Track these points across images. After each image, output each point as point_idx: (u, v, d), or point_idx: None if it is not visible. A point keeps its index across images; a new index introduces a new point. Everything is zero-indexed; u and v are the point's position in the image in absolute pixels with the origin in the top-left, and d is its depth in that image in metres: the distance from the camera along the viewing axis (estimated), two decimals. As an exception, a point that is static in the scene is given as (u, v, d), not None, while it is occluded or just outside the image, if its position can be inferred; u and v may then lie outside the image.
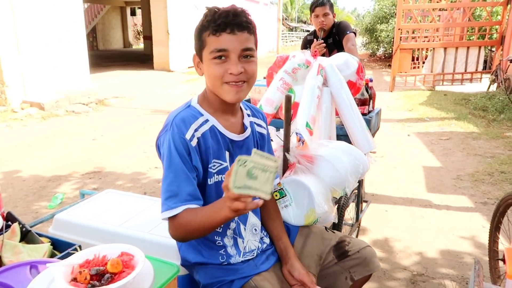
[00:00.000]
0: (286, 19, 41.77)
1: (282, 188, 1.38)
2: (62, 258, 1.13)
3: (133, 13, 24.81)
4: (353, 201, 2.42)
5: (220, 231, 1.21)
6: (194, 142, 1.12)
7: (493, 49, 9.95)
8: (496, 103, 7.11)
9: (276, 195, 1.40)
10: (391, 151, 4.78)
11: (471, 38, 10.13)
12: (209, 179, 1.16)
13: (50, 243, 1.25)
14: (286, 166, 1.49)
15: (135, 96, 8.62)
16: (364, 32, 18.42)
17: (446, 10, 9.66)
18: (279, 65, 2.11)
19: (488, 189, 3.60)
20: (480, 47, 9.64)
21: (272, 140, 1.54)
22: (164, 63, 13.11)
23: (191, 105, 1.20)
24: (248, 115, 1.29)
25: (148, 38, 17.19)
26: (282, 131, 1.52)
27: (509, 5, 9.26)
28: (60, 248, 1.25)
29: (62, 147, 4.92)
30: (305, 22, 46.68)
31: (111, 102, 7.89)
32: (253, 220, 1.27)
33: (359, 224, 2.70)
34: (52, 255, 1.21)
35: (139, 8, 22.70)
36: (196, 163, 1.12)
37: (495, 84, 8.69)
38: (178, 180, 1.08)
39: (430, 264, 2.46)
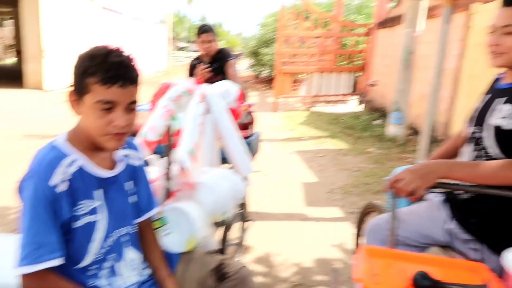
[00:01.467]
0: (174, 38, 41.63)
1: (163, 217, 1.41)
2: None
3: (-1, 25, 22.11)
4: (238, 221, 2.55)
5: (92, 273, 1.17)
6: (60, 188, 1.07)
7: (359, 74, 11.40)
8: (361, 122, 8.14)
9: (156, 224, 1.42)
10: (275, 170, 5.10)
11: (341, 64, 11.44)
12: (76, 222, 1.12)
13: None
14: (168, 194, 1.52)
15: (5, 118, 7.67)
16: (250, 55, 19.35)
17: (320, 38, 10.78)
18: (162, 92, 2.14)
19: (355, 200, 4.08)
20: (348, 72, 10.98)
21: (150, 166, 1.56)
22: (37, 81, 11.85)
23: (55, 145, 1.14)
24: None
25: (20, 52, 15.47)
26: (164, 158, 1.55)
27: (370, 37, 10.75)
28: None
29: None
30: (194, 42, 47.02)
31: (-29, 125, 6.90)
32: (132, 255, 1.27)
33: (245, 243, 2.83)
34: None
35: (11, 18, 20.23)
36: (62, 210, 1.08)
37: (361, 105, 9.95)
38: (41, 232, 1.03)
39: (307, 273, 2.70)
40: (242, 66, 27.12)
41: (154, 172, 1.56)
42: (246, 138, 2.54)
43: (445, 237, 1.61)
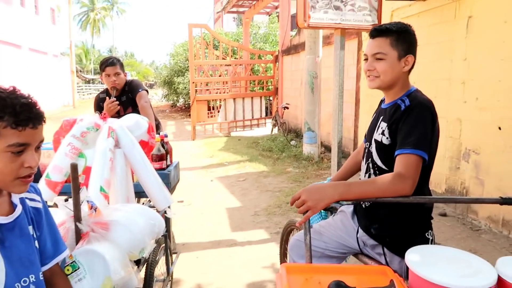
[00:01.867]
0: (81, 71, 39.64)
1: (74, 261, 1.31)
2: None
3: None
4: (162, 256, 2.45)
5: None
6: None
7: (271, 98, 11.89)
8: (278, 144, 8.45)
9: (68, 270, 1.32)
10: (198, 198, 5.04)
11: (254, 89, 11.84)
12: None
13: None
14: (78, 236, 1.42)
15: None
16: (163, 84, 19.15)
17: (231, 65, 11.09)
18: (66, 129, 2.02)
19: (279, 220, 4.18)
20: (261, 97, 11.39)
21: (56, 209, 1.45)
22: None
23: None
24: None
25: None
26: (71, 200, 1.45)
27: (277, 63, 11.33)
28: None
29: None
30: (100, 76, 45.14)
31: None
32: None
33: (172, 277, 2.72)
34: None
35: None
36: None
37: (276, 128, 10.34)
38: None
39: (238, 299, 2.68)
40: (157, 96, 26.72)
41: (61, 214, 1.45)
42: (163, 169, 2.48)
43: (358, 245, 1.73)
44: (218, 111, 11.24)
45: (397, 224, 1.59)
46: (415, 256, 1.15)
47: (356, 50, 6.70)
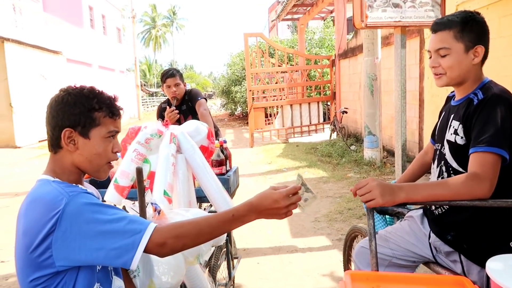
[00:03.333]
0: (145, 85, 41.93)
1: None
2: None
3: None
4: (224, 260, 2.47)
5: None
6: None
7: (329, 103, 11.69)
8: (337, 149, 8.25)
9: None
10: (257, 204, 5.05)
11: (310, 95, 11.73)
12: None
13: None
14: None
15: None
16: (221, 94, 19.65)
17: (287, 72, 11.09)
18: (131, 136, 2.12)
19: (341, 226, 4.06)
20: (318, 102, 11.24)
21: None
22: (8, 139, 11.67)
23: (54, 180, 1.16)
24: None
25: (-14, 112, 15.20)
26: (137, 203, 1.50)
27: (334, 67, 11.13)
28: None
29: None
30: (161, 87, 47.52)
31: None
32: (118, 283, 1.23)
33: (233, 282, 2.74)
34: None
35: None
36: None
37: (335, 133, 10.13)
38: (129, 216, 1.09)
39: (300, 307, 2.62)
40: (215, 106, 27.48)
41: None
42: (223, 174, 2.51)
43: (429, 252, 1.60)
44: (275, 118, 11.27)
45: (477, 231, 1.44)
46: (498, 265, 1.04)
47: (418, 49, 6.37)
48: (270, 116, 11.78)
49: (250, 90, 10.19)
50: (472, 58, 1.46)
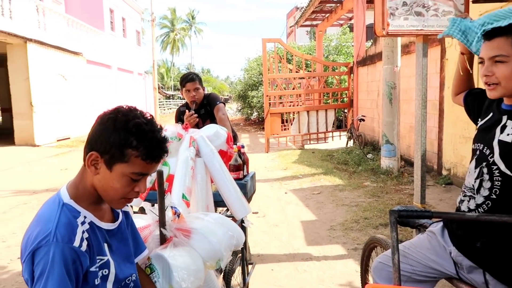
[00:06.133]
0: (162, 87, 42.38)
1: (151, 263, 1.37)
2: None
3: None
4: (239, 265, 2.45)
5: None
6: (84, 247, 1.05)
7: (346, 110, 11.60)
8: (354, 157, 8.16)
9: (147, 270, 1.38)
10: (272, 210, 5.02)
11: (327, 102, 11.67)
12: (95, 280, 1.09)
13: None
14: (163, 240, 1.46)
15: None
16: (238, 99, 19.70)
17: (305, 78, 11.06)
18: (151, 139, 2.13)
19: (357, 235, 3.99)
20: (335, 109, 11.17)
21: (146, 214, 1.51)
22: (28, 137, 11.92)
23: (66, 203, 1.11)
24: None
25: (7, 110, 15.56)
26: (156, 205, 1.50)
27: (352, 74, 11.06)
28: None
29: None
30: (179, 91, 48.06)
31: (-42, 187, 6.74)
32: None
33: (247, 288, 2.71)
34: None
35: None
36: (83, 270, 1.05)
37: (352, 140, 10.03)
38: None
39: (315, 317, 2.58)
40: (231, 110, 27.57)
41: (147, 219, 1.51)
42: (240, 179, 2.50)
43: (450, 267, 1.55)
44: (292, 124, 11.23)
45: (507, 247, 1.35)
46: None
47: (439, 58, 6.28)
48: (286, 121, 11.74)
49: (267, 95, 10.18)
50: None
